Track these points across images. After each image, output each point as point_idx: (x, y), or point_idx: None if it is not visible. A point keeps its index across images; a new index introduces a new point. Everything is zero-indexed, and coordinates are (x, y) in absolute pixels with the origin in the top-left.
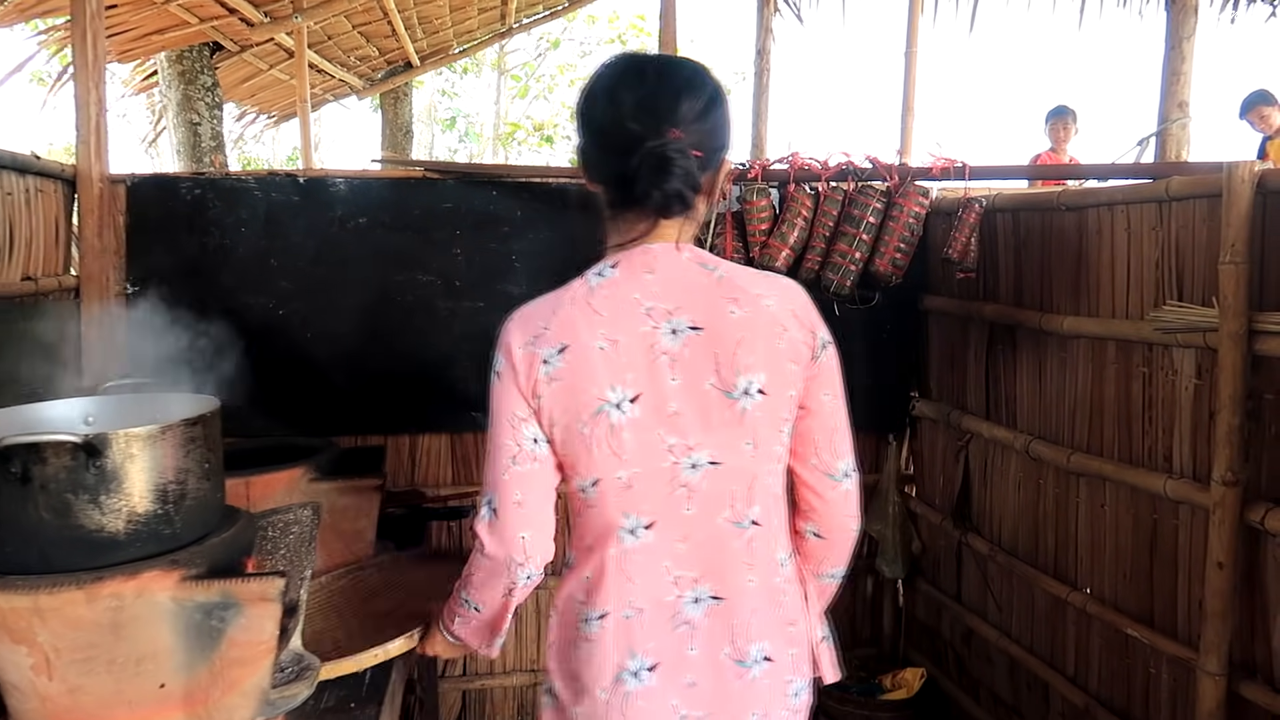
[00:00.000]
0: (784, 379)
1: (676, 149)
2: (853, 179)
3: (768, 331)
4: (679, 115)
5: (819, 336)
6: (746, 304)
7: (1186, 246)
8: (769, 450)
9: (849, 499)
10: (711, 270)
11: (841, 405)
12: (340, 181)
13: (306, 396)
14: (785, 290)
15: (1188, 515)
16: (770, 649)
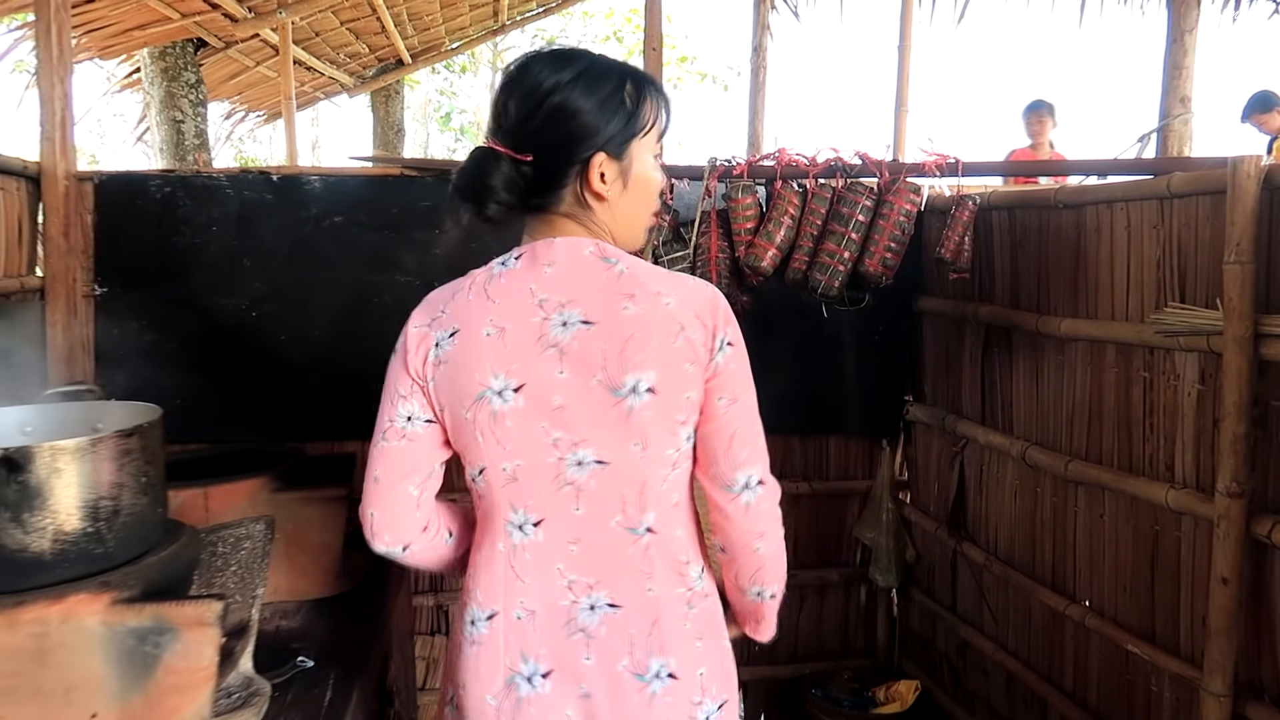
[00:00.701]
0: (678, 379)
1: (490, 158)
2: (842, 176)
3: (662, 329)
4: (502, 122)
5: (719, 337)
6: (643, 301)
7: (1189, 246)
8: (660, 453)
9: (750, 514)
10: (612, 265)
11: (744, 412)
12: (315, 179)
13: (280, 400)
14: (691, 290)
15: (1190, 527)
16: (675, 665)
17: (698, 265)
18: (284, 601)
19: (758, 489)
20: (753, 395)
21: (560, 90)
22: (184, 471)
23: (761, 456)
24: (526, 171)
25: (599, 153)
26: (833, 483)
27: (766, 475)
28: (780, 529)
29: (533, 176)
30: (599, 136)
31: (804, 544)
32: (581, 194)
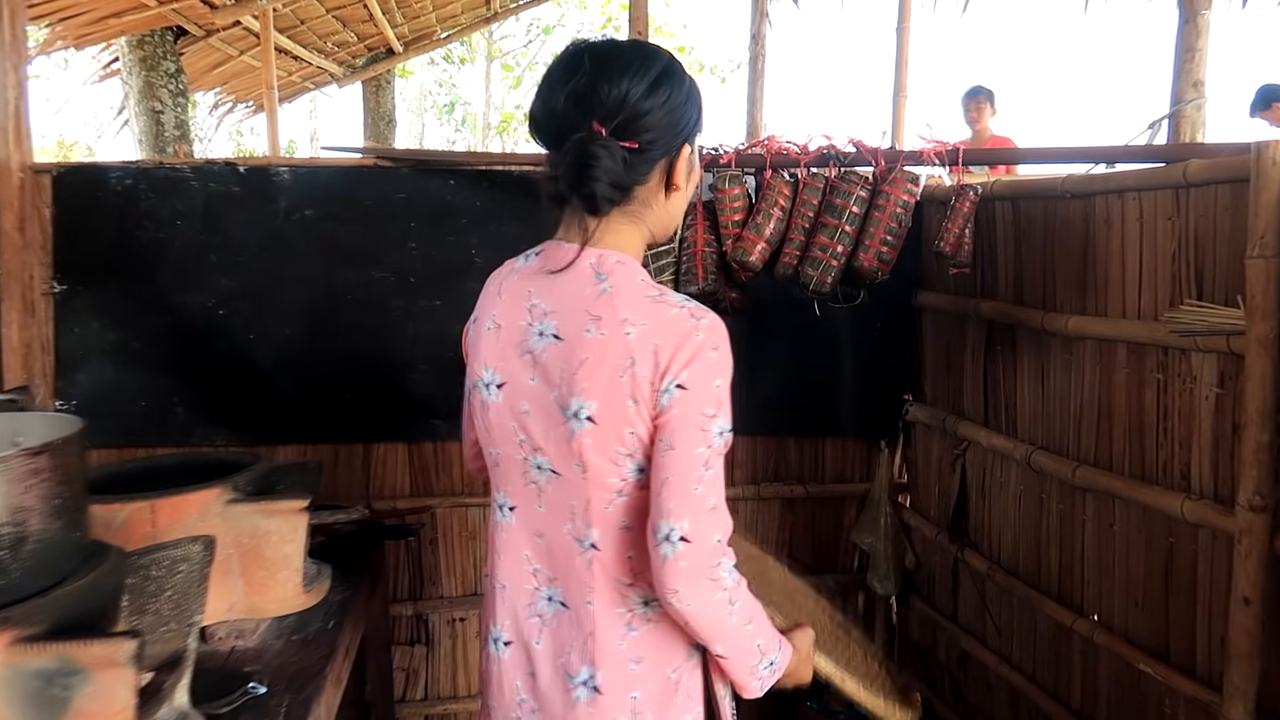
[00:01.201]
0: (619, 414)
1: (601, 144)
2: (835, 164)
3: (613, 361)
4: (608, 106)
5: (669, 378)
6: (607, 326)
7: (1207, 238)
8: (601, 479)
9: (665, 567)
10: (600, 282)
11: (679, 461)
12: (284, 170)
13: (249, 402)
14: (664, 322)
15: (1208, 541)
16: (602, 680)
17: (683, 259)
18: (240, 620)
19: (678, 544)
20: (698, 446)
21: (665, 79)
22: (133, 482)
23: (691, 512)
24: (629, 159)
25: (685, 144)
26: (829, 485)
27: (697, 536)
28: (710, 594)
29: (632, 165)
30: (685, 127)
31: (799, 549)
32: (661, 187)
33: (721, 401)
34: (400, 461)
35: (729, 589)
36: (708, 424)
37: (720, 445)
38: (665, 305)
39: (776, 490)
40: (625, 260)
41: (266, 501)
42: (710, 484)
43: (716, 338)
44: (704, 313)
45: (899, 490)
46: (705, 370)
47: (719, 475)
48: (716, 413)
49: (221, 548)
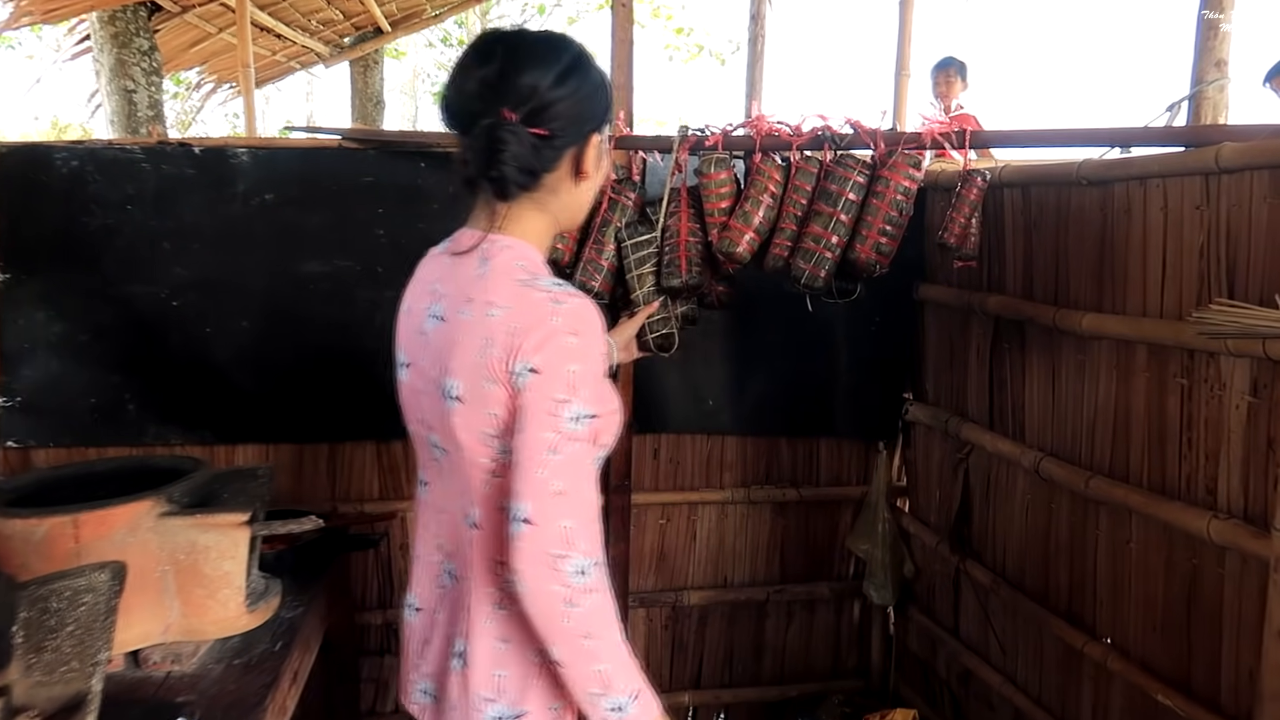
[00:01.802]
0: (480, 394)
1: (510, 130)
2: (830, 147)
3: (476, 341)
4: (519, 93)
5: (521, 361)
6: (475, 308)
7: (1240, 230)
8: (475, 460)
9: (511, 549)
10: (481, 265)
11: (527, 443)
12: (242, 152)
13: (205, 399)
14: (525, 306)
15: (1236, 565)
16: (470, 654)
17: (665, 250)
18: (177, 643)
19: (522, 526)
20: (547, 430)
21: (574, 68)
22: (62, 490)
23: (534, 495)
24: (539, 146)
25: (594, 133)
26: (823, 489)
27: (540, 519)
28: (546, 582)
29: (541, 152)
30: (594, 116)
31: (792, 556)
32: (570, 175)
33: (577, 387)
34: (368, 462)
35: (570, 586)
36: (559, 409)
37: (576, 431)
38: (531, 289)
39: (768, 494)
40: (514, 245)
41: (204, 515)
42: (558, 469)
43: (576, 323)
44: (569, 297)
45: (897, 494)
46: (559, 354)
47: (573, 462)
48: (570, 398)
49: (156, 564)
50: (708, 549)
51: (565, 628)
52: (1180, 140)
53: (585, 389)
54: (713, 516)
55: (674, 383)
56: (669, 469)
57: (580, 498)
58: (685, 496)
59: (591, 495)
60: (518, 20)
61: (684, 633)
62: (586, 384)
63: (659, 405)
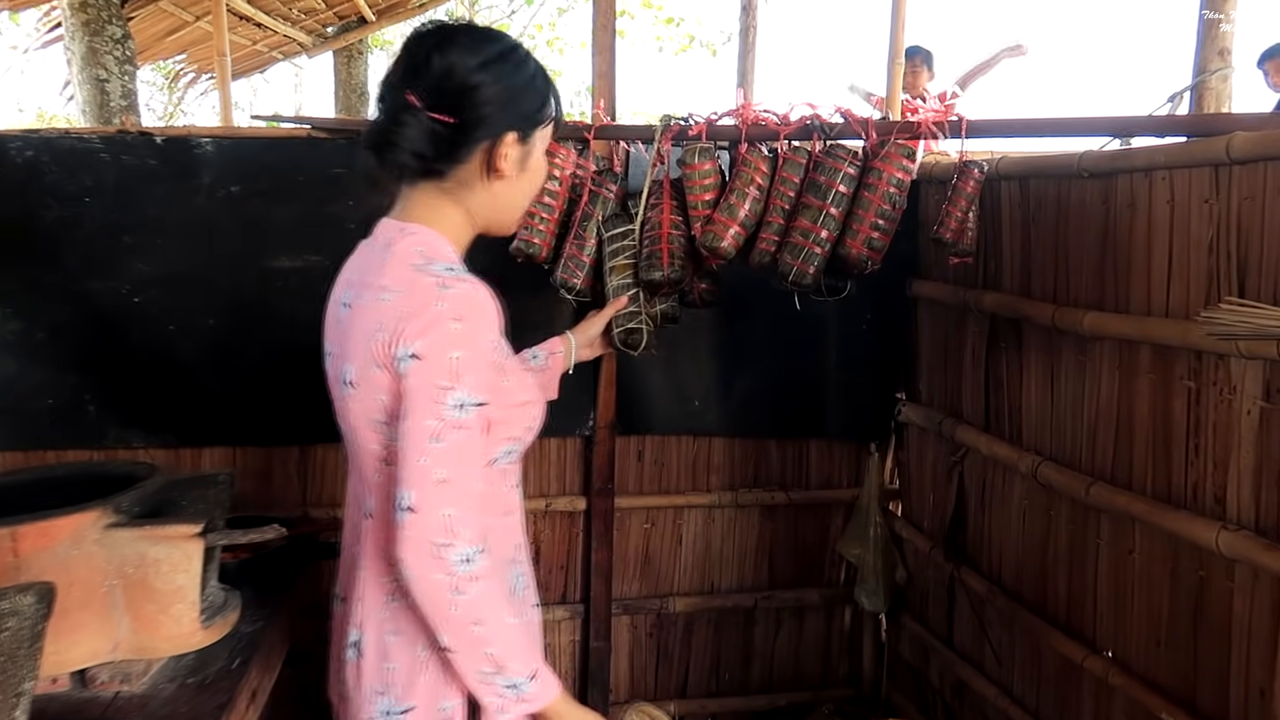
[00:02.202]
0: (370, 380)
1: (409, 112)
2: (819, 137)
3: (367, 326)
4: (433, 77)
5: (403, 346)
6: (371, 293)
7: (1253, 225)
8: (367, 447)
9: (396, 537)
10: (384, 251)
11: (410, 430)
12: (206, 142)
13: (169, 400)
14: (415, 291)
15: (1247, 579)
16: (365, 644)
17: (646, 242)
18: (127, 661)
19: (405, 514)
20: (429, 417)
21: (499, 60)
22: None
23: (417, 482)
24: (441, 133)
25: (512, 131)
26: (813, 492)
27: (422, 507)
28: (430, 570)
29: (445, 140)
30: (517, 114)
31: (781, 561)
32: (483, 170)
33: (460, 374)
34: (340, 464)
35: (455, 574)
36: (441, 395)
37: (461, 419)
38: (422, 274)
39: (756, 497)
40: (419, 232)
41: (153, 526)
42: (441, 457)
43: (462, 308)
44: (458, 282)
45: (890, 497)
46: (442, 340)
47: (457, 450)
48: (453, 385)
49: (103, 579)
50: (694, 554)
51: (453, 615)
52: (1186, 130)
53: (470, 375)
54: (699, 520)
55: (658, 382)
56: (653, 471)
57: (464, 486)
58: (670, 500)
59: (476, 485)
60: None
61: (669, 641)
62: (471, 370)
63: (643, 405)
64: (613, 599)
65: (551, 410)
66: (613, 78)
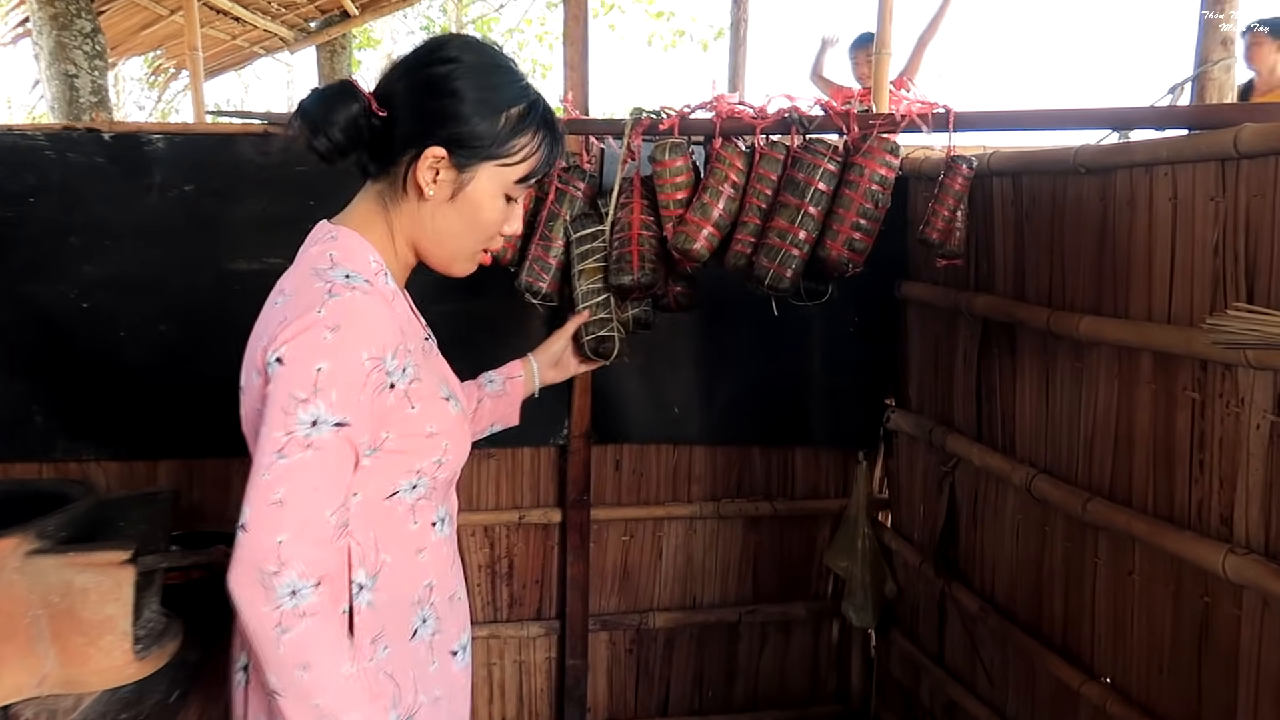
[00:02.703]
0: (251, 385)
1: (353, 93)
2: (798, 131)
3: (257, 331)
4: (386, 72)
5: (272, 351)
6: (272, 297)
7: (1262, 224)
8: (251, 456)
9: (233, 561)
10: (302, 252)
11: (262, 441)
12: (158, 138)
13: (121, 410)
14: (300, 296)
15: (1255, 606)
16: (236, 674)
17: (615, 244)
18: (55, 696)
19: (239, 532)
20: (278, 429)
21: (455, 67)
22: None
23: (253, 500)
24: (375, 125)
25: (438, 146)
26: (799, 502)
27: (254, 528)
28: (256, 602)
29: (377, 134)
30: (452, 133)
31: (766, 574)
32: (403, 180)
33: (321, 388)
34: None
35: (281, 609)
36: (294, 408)
37: (312, 437)
38: (317, 278)
39: (739, 508)
40: (340, 235)
41: (78, 553)
42: (281, 476)
43: (340, 317)
44: (348, 290)
45: (879, 508)
46: (309, 349)
47: (301, 470)
48: (310, 398)
49: (25, 610)
50: (674, 567)
51: (278, 656)
52: (1190, 122)
53: (334, 391)
54: (680, 532)
55: (636, 388)
56: (632, 482)
57: (304, 511)
58: (650, 511)
59: (322, 512)
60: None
61: (649, 657)
62: (336, 386)
63: (620, 413)
64: (590, 614)
65: (524, 418)
66: (585, 70)
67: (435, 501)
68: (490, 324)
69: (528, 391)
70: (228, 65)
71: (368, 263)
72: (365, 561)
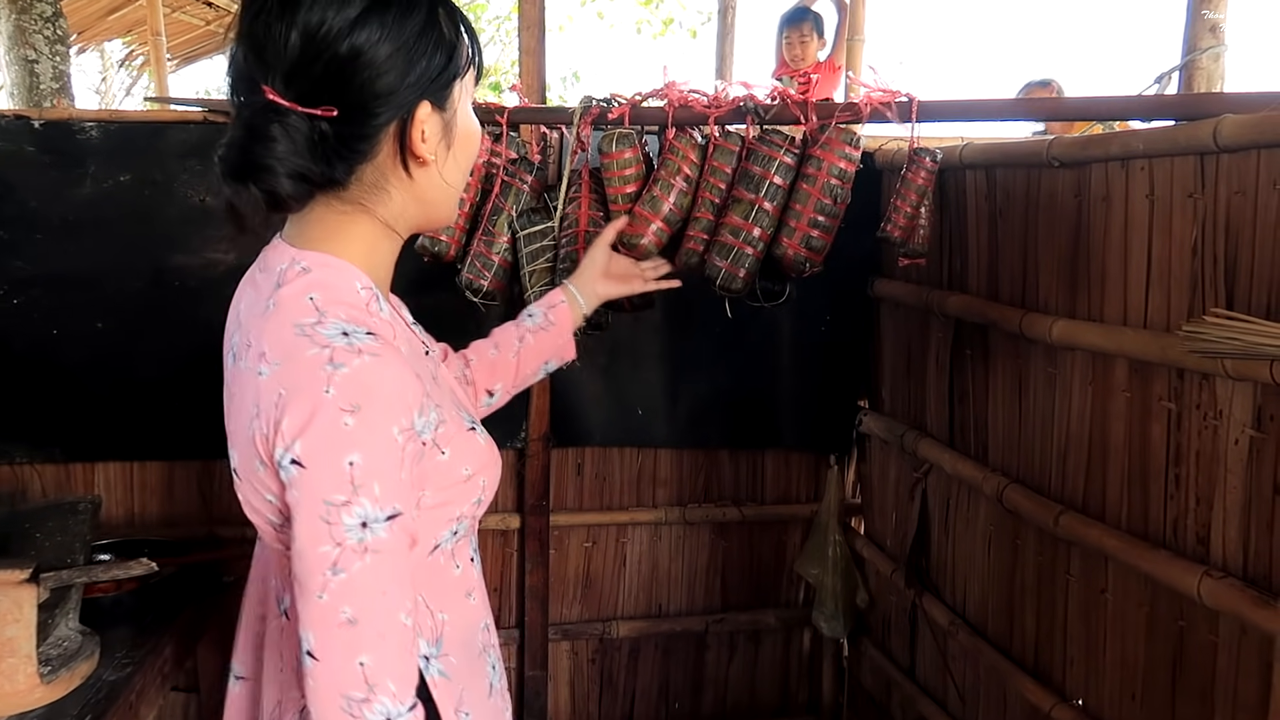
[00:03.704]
0: (254, 475)
1: (275, 117)
2: (753, 120)
3: (245, 409)
4: (290, 53)
5: (280, 449)
6: (250, 360)
7: (1243, 224)
8: (272, 544)
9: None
10: (272, 293)
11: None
12: (91, 126)
13: (56, 411)
14: (293, 368)
15: (1233, 634)
16: None
17: (563, 241)
18: None
19: (308, 660)
20: (323, 543)
21: (372, 12)
22: None
23: (316, 624)
24: (326, 132)
25: (424, 101)
26: (769, 507)
27: (326, 655)
28: None
29: (334, 140)
30: (424, 77)
31: (734, 581)
32: (396, 161)
33: (360, 485)
34: None
35: None
36: (335, 515)
37: (365, 540)
38: (309, 341)
39: (706, 513)
40: (316, 268)
41: None
42: (344, 593)
43: (357, 394)
44: (353, 355)
45: (852, 512)
46: (331, 442)
47: (366, 580)
48: (350, 499)
49: None
50: (639, 574)
51: None
52: (1170, 112)
53: (375, 484)
54: (644, 538)
55: (598, 390)
56: (594, 486)
57: (381, 624)
58: (613, 517)
59: (397, 618)
60: None
61: (613, 668)
62: (376, 476)
63: (580, 415)
64: (551, 624)
65: None
66: (541, 54)
67: (470, 534)
68: (434, 324)
69: (576, 317)
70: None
71: (355, 293)
72: (424, 629)
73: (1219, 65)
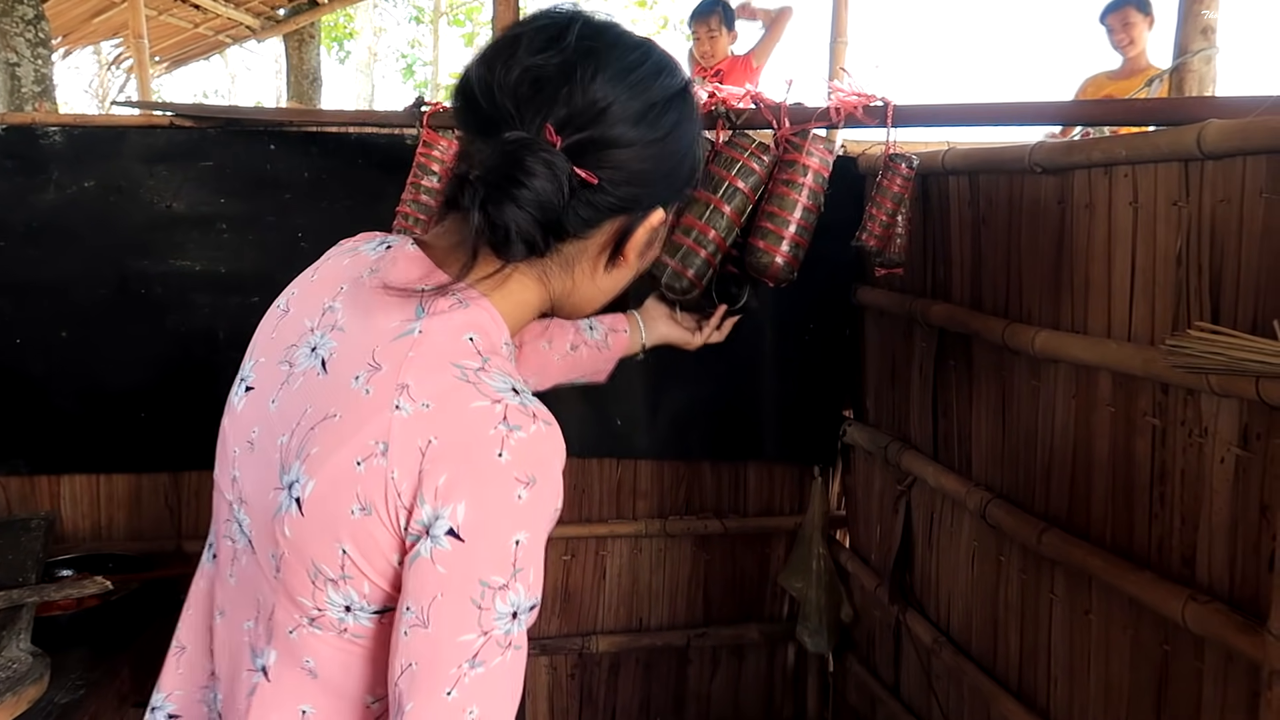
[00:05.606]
0: (335, 515)
1: (545, 156)
2: (724, 125)
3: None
4: (579, 108)
5: (428, 508)
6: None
7: (1228, 233)
8: (291, 593)
9: None
10: (414, 320)
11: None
12: (54, 131)
13: (18, 423)
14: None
15: (1219, 661)
16: None
17: None
18: None
19: None
20: (467, 630)
21: (670, 105)
22: None
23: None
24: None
25: (662, 207)
26: (752, 519)
27: None
28: None
29: (575, 206)
30: (675, 184)
31: (717, 595)
32: (602, 254)
33: (520, 569)
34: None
35: None
36: (490, 600)
37: (511, 633)
38: (473, 389)
39: (688, 525)
40: (476, 309)
41: None
42: (478, 689)
43: (533, 467)
44: (526, 420)
45: (837, 525)
46: (502, 516)
47: (501, 678)
48: (509, 583)
49: None
50: (619, 588)
51: None
52: (1155, 117)
53: (531, 570)
54: (624, 551)
55: (575, 400)
56: (572, 498)
57: None
58: (592, 529)
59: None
60: None
61: (593, 683)
62: (533, 562)
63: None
64: (529, 638)
65: None
66: None
67: None
68: None
69: (631, 349)
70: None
71: (500, 348)
72: None
73: (1211, 68)
